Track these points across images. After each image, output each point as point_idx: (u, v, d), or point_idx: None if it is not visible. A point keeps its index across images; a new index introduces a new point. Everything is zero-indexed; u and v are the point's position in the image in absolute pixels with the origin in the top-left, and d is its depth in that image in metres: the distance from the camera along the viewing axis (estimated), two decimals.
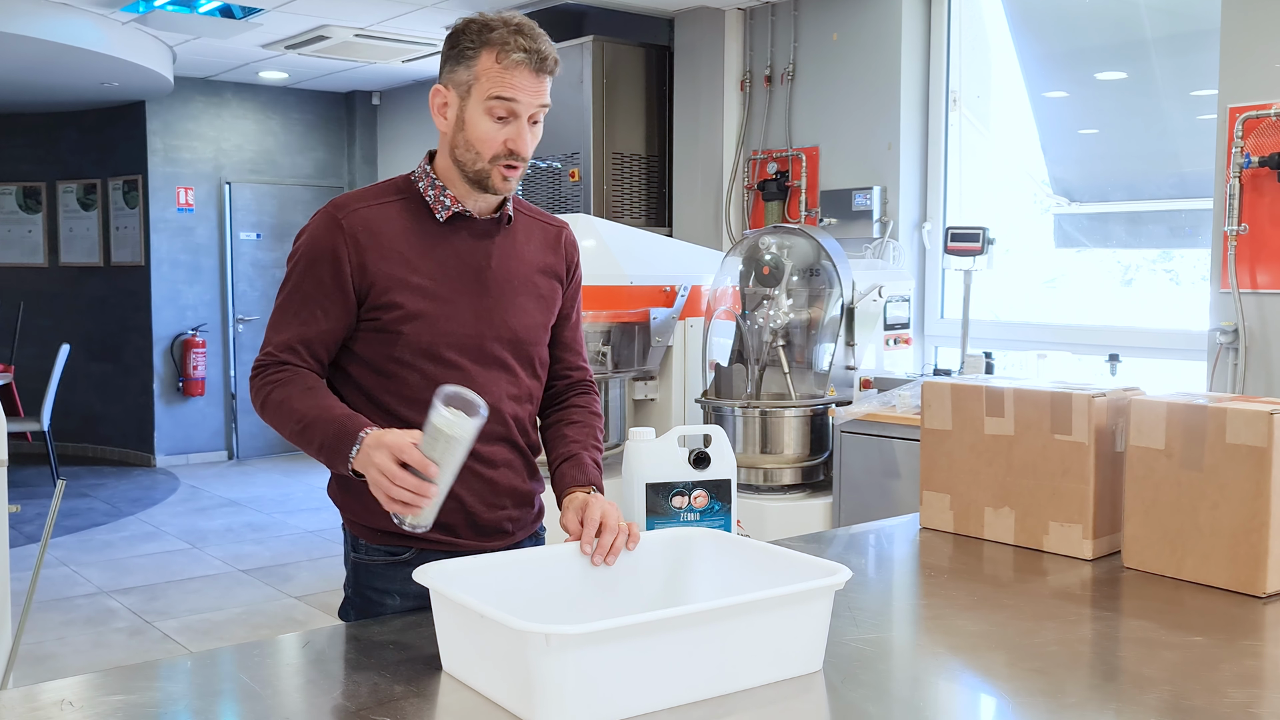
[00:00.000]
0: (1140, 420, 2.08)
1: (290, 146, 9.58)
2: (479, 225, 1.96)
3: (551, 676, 1.35)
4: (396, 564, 1.95)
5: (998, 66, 5.57)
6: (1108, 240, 5.21)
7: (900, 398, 4.45)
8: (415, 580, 1.59)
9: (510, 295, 1.96)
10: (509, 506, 1.99)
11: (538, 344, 2.02)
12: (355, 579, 2.00)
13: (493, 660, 1.45)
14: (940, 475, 2.37)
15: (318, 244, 1.90)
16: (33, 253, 9.61)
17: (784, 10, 5.95)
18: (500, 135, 1.86)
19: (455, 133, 1.90)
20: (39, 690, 1.52)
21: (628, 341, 5.10)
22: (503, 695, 1.44)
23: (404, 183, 1.98)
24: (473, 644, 1.50)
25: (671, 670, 1.42)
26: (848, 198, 5.59)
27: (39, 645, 4.76)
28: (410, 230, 1.92)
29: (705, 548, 1.78)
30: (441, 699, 1.50)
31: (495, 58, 1.85)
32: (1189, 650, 1.66)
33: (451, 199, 1.93)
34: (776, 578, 1.58)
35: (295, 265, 1.93)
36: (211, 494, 8.02)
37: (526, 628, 1.34)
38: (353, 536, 2.00)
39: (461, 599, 1.47)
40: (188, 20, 6.78)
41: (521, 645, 1.36)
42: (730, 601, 1.45)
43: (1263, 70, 4.10)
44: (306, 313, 1.90)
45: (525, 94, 1.86)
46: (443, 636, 1.57)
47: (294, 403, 1.84)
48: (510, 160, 1.88)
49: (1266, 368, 4.15)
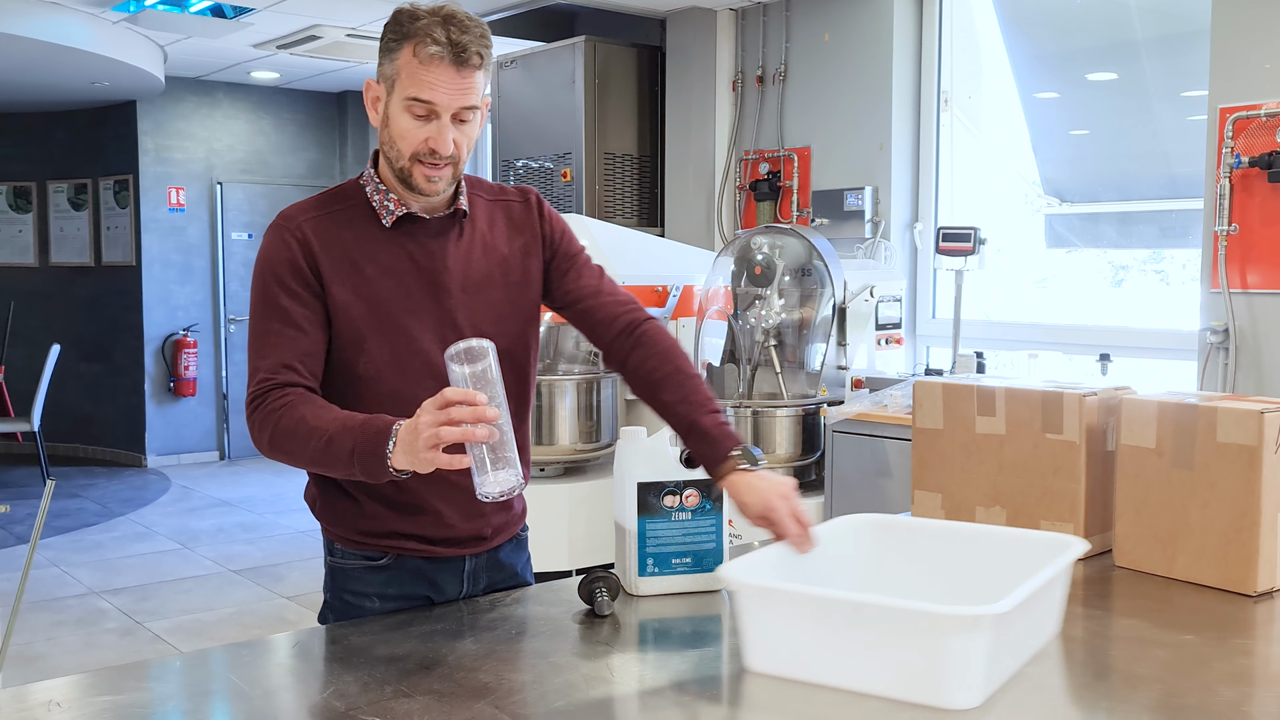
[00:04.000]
0: (1131, 419, 2.08)
1: (282, 146, 9.56)
2: (431, 226, 1.86)
3: (972, 656, 1.42)
4: (374, 569, 1.91)
5: (989, 67, 5.58)
6: (1099, 240, 5.22)
7: (892, 397, 4.45)
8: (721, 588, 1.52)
9: (474, 293, 1.88)
10: (487, 514, 1.94)
11: (515, 338, 1.92)
12: (333, 583, 1.96)
13: (873, 650, 1.47)
14: (932, 474, 2.37)
15: (276, 255, 1.81)
16: (23, 253, 9.58)
17: (775, 10, 5.95)
18: (421, 133, 1.76)
19: (382, 129, 1.81)
20: (27, 691, 1.51)
21: None
22: (886, 684, 1.47)
23: (352, 188, 1.89)
24: (833, 637, 1.50)
25: (1023, 643, 1.59)
26: (839, 198, 5.59)
27: (29, 646, 4.74)
28: (360, 239, 1.83)
29: (895, 529, 1.90)
30: (431, 699, 1.50)
31: (413, 52, 1.73)
32: (1180, 649, 1.67)
33: (395, 202, 1.84)
34: (1006, 557, 1.76)
35: (260, 284, 1.82)
36: (203, 494, 8.00)
37: (960, 612, 1.41)
38: (329, 541, 1.96)
39: (831, 594, 1.53)
40: (179, 20, 6.76)
41: (940, 629, 1.42)
42: (1045, 577, 1.56)
43: (1253, 71, 4.11)
44: (290, 329, 1.78)
45: (443, 93, 1.73)
46: (766, 636, 1.55)
47: (311, 422, 1.69)
48: (432, 159, 1.77)
49: (1257, 367, 4.16)
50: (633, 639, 1.78)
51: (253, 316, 1.83)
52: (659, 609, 1.88)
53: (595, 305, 1.99)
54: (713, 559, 1.95)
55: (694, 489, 1.94)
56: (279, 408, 1.73)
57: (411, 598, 1.93)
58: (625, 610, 1.86)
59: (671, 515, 1.93)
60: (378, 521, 1.89)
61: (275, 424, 1.72)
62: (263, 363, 1.77)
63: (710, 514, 1.95)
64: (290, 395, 1.74)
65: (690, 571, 1.94)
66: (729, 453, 1.83)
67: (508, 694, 1.51)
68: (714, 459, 1.84)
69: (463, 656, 1.64)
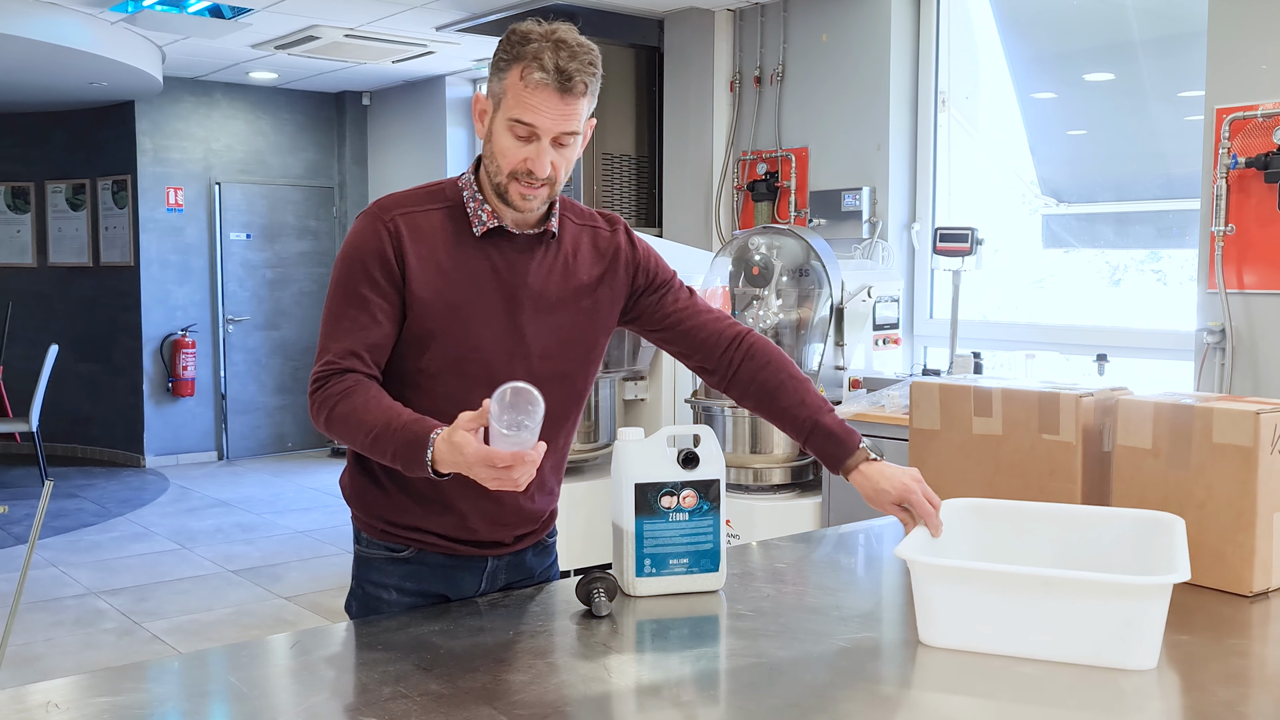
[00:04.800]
0: (1127, 420, 2.09)
1: (280, 147, 9.56)
2: (519, 241, 1.89)
3: (1155, 618, 1.57)
4: (396, 560, 1.95)
5: (986, 67, 5.58)
6: (1096, 241, 5.23)
7: (889, 397, 4.46)
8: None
9: (546, 313, 1.91)
10: (512, 524, 1.98)
11: (577, 362, 1.97)
12: (357, 571, 2.01)
13: (1060, 620, 1.59)
14: (928, 475, 2.36)
15: (365, 244, 1.84)
16: (21, 253, 9.58)
17: (773, 11, 5.95)
18: (520, 153, 1.80)
19: (486, 143, 1.85)
20: (25, 692, 1.51)
21: (617, 342, 5.10)
22: (1073, 652, 1.59)
23: (451, 189, 1.92)
24: (1019, 610, 1.61)
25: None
26: (837, 198, 5.60)
27: (27, 646, 4.74)
28: (450, 242, 1.87)
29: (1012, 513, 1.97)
30: (429, 700, 1.50)
31: (520, 75, 1.77)
32: (1176, 649, 1.67)
33: (488, 214, 1.88)
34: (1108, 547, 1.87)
35: (345, 268, 1.86)
36: (201, 494, 8.00)
37: (1148, 581, 1.57)
38: (357, 530, 2.01)
39: (1021, 570, 1.63)
40: (177, 20, 6.76)
41: (1130, 597, 1.57)
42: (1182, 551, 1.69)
43: (1249, 71, 4.12)
44: (365, 316, 1.82)
45: (546, 117, 1.77)
46: (947, 612, 1.65)
47: (360, 415, 1.75)
48: (529, 179, 1.81)
49: (1253, 367, 4.17)
50: (630, 639, 1.78)
51: (332, 296, 1.86)
52: (656, 609, 1.89)
53: (697, 325, 2.04)
54: (710, 560, 1.96)
55: (692, 490, 1.95)
56: (338, 394, 1.79)
57: (429, 594, 1.95)
58: (623, 611, 1.87)
59: (669, 516, 1.94)
60: (404, 514, 1.93)
61: (331, 409, 1.78)
62: (332, 345, 1.83)
63: (707, 514, 1.96)
64: (348, 381, 1.80)
65: (687, 572, 1.95)
66: (858, 445, 1.95)
67: (505, 694, 1.52)
68: (843, 454, 1.95)
69: (460, 657, 1.65)
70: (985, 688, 1.55)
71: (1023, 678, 1.56)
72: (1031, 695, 1.52)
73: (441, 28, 6.86)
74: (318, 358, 1.84)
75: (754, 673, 1.60)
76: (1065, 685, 1.54)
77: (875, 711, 1.49)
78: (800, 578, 2.14)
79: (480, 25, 6.68)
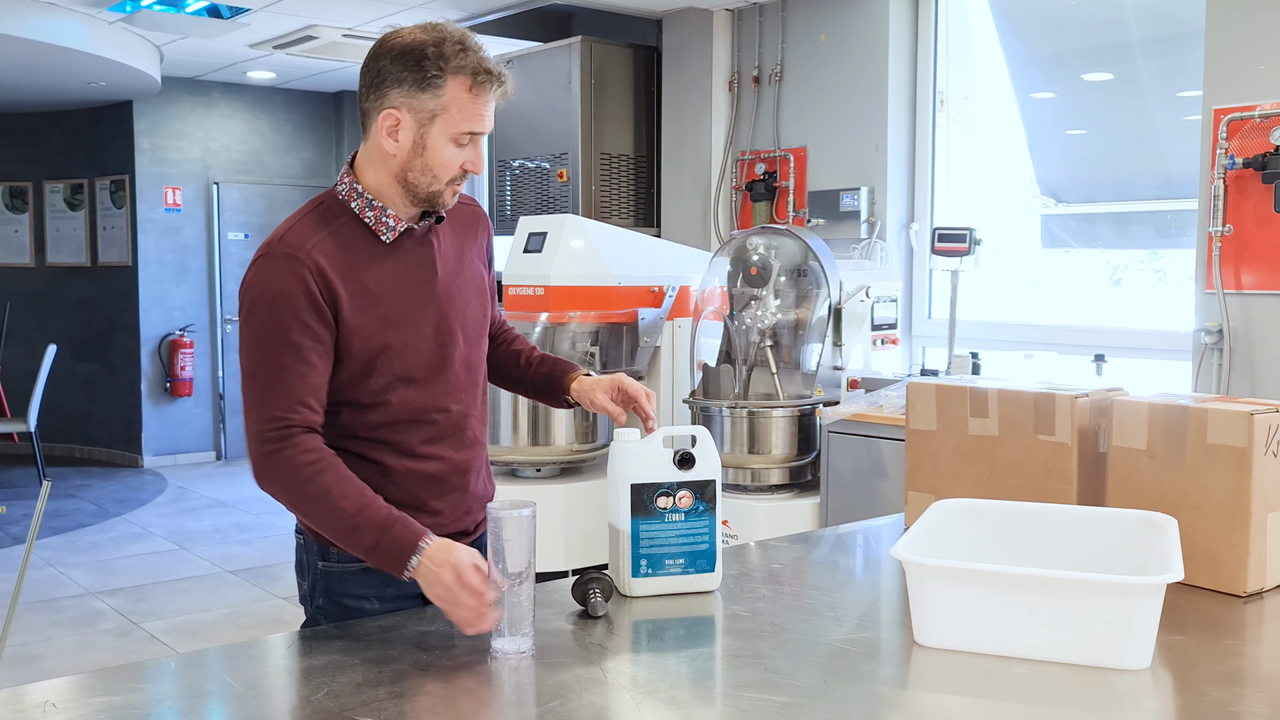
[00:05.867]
0: (1122, 421, 2.09)
1: (278, 146, 9.56)
2: (416, 234, 1.92)
3: (1148, 618, 1.58)
4: (370, 570, 1.90)
5: (985, 67, 5.59)
6: (1094, 241, 5.23)
7: (887, 398, 4.46)
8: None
9: (457, 296, 1.97)
10: (474, 511, 2.05)
11: (485, 335, 2.07)
12: (328, 587, 1.97)
13: (1055, 620, 1.60)
14: (925, 475, 2.38)
15: (288, 289, 1.78)
16: (19, 253, 9.58)
17: (772, 11, 5.96)
18: (460, 159, 1.85)
19: (411, 157, 1.83)
20: (23, 692, 1.52)
21: (615, 342, 5.10)
22: (1067, 651, 1.60)
23: (334, 203, 1.89)
24: (1013, 610, 1.62)
25: None
26: (835, 198, 5.60)
27: (25, 647, 4.74)
28: (362, 258, 1.86)
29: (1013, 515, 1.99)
30: (425, 699, 1.50)
31: (469, 89, 1.80)
32: (1170, 649, 1.67)
33: (394, 218, 1.88)
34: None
35: (270, 315, 1.78)
36: (199, 495, 8.00)
37: (1144, 581, 1.58)
38: (321, 549, 1.96)
39: (1014, 570, 1.63)
40: (175, 20, 6.76)
41: (1125, 596, 1.57)
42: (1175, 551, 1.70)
43: (1247, 72, 4.12)
44: (303, 365, 1.78)
45: (488, 119, 1.85)
46: (941, 612, 1.66)
47: (336, 498, 1.76)
48: (464, 179, 1.88)
49: (1251, 368, 4.18)
50: (626, 640, 1.78)
51: (258, 348, 1.80)
52: (652, 610, 1.89)
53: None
54: (706, 560, 1.96)
55: (688, 490, 1.95)
56: (305, 465, 1.77)
57: (409, 596, 1.94)
58: (619, 611, 1.87)
59: (665, 517, 1.94)
60: None
61: (299, 484, 1.78)
62: (275, 400, 1.78)
63: (704, 515, 1.96)
64: (311, 451, 1.78)
65: (684, 573, 1.95)
66: (577, 370, 2.14)
67: (502, 694, 1.52)
68: (561, 371, 2.14)
69: (457, 657, 1.65)
70: (980, 687, 1.56)
71: (1017, 678, 1.57)
72: (1026, 695, 1.53)
73: None
74: (257, 413, 1.78)
75: (750, 673, 1.60)
76: (1059, 685, 1.54)
77: (871, 711, 1.50)
78: (797, 578, 2.14)
79: (478, 25, 6.68)
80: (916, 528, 1.85)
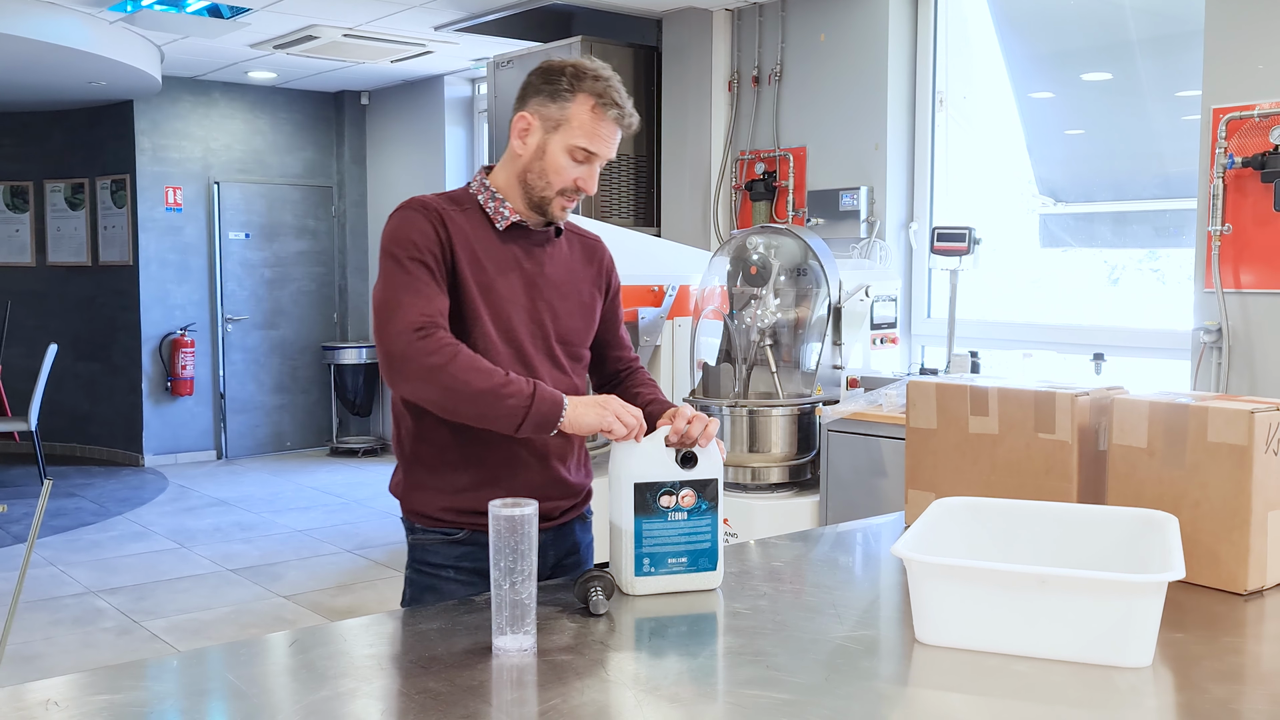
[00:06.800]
0: (1123, 419, 2.09)
1: (279, 146, 9.56)
2: (534, 235, 2.12)
3: (1150, 616, 1.58)
4: (451, 543, 2.11)
5: (984, 67, 5.59)
6: (1093, 240, 5.23)
7: (887, 397, 4.46)
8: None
9: (560, 299, 2.14)
10: (555, 497, 2.13)
11: (582, 345, 2.20)
12: (413, 558, 2.16)
13: (1056, 618, 1.60)
14: (925, 474, 2.38)
15: (417, 230, 2.00)
16: (20, 252, 9.58)
17: (771, 11, 5.96)
18: (574, 173, 2.04)
19: (532, 159, 2.05)
20: (24, 690, 1.52)
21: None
22: (1069, 649, 1.60)
23: (462, 195, 2.12)
24: (1015, 608, 1.62)
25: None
26: (835, 198, 5.60)
27: (26, 645, 4.75)
28: (479, 236, 2.07)
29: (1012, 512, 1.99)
30: (426, 698, 1.51)
31: (591, 108, 2.02)
32: (1170, 647, 1.68)
33: (510, 209, 2.09)
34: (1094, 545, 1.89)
35: (402, 248, 1.99)
36: (200, 493, 8.01)
37: (1146, 579, 1.58)
38: (409, 522, 2.16)
39: (1017, 568, 1.63)
40: (175, 20, 6.76)
41: (1127, 594, 1.58)
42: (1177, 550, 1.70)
43: (1246, 71, 4.13)
44: (434, 287, 1.98)
45: (608, 146, 2.05)
46: (943, 611, 1.66)
47: (486, 368, 1.92)
48: (574, 195, 2.07)
49: (1250, 367, 4.18)
50: (628, 638, 1.79)
51: (397, 269, 1.98)
52: (654, 608, 1.89)
53: (613, 355, 2.34)
54: (708, 559, 1.96)
55: (690, 489, 1.96)
56: (452, 344, 1.93)
57: (483, 573, 1.96)
58: (621, 609, 1.87)
59: (667, 515, 1.94)
60: (457, 498, 2.09)
61: (450, 359, 1.90)
62: (422, 304, 1.95)
63: (706, 514, 1.96)
64: (457, 343, 1.94)
65: (686, 571, 1.95)
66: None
67: (503, 692, 1.52)
68: (664, 407, 2.17)
69: (458, 655, 1.65)
70: (981, 685, 1.56)
71: (1018, 675, 1.57)
72: (1027, 693, 1.53)
73: (440, 27, 6.86)
74: (402, 314, 1.93)
75: (751, 670, 1.61)
76: (1060, 683, 1.55)
77: (872, 709, 1.50)
78: (798, 576, 2.15)
79: (479, 25, 6.69)
80: (917, 526, 1.86)
